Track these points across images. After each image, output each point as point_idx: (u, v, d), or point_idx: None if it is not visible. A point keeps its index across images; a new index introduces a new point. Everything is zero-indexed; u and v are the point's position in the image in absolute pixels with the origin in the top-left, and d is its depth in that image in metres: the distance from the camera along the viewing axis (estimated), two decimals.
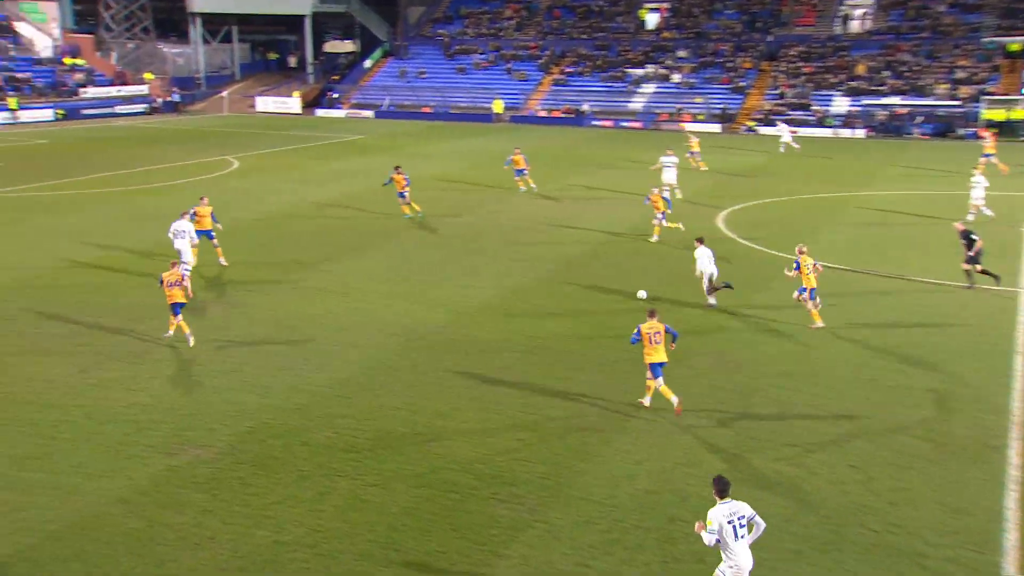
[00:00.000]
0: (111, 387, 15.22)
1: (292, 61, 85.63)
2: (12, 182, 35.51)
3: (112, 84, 69.29)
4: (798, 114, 56.50)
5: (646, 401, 14.62)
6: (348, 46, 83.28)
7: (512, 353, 16.91)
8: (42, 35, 69.44)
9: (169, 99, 71.50)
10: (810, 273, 18.08)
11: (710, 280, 19.31)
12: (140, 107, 68.21)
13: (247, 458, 12.83)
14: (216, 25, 78.83)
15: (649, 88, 64.92)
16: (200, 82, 77.48)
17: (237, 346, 17.26)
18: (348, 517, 11.44)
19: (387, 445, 13.15)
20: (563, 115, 64.12)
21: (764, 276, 21.33)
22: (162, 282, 16.96)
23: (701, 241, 19.69)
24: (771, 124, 55.21)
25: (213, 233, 22.98)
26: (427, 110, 68.08)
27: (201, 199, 23.69)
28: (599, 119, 62.69)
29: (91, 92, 66.60)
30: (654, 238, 25.06)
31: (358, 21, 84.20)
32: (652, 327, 14.30)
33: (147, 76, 72.43)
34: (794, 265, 18.22)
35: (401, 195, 28.24)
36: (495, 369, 16.16)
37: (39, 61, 66.80)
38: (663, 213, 24.99)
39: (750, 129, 56.53)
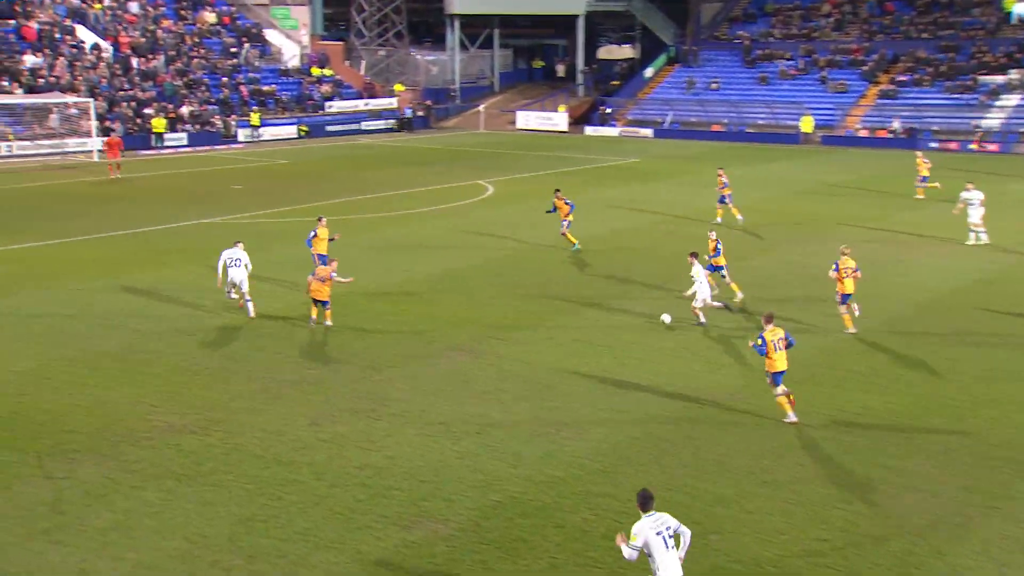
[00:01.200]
0: (344, 444, 16.25)
1: (560, 70, 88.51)
2: (249, 206, 39.31)
3: (359, 97, 75.37)
4: None
5: (792, 417, 16.64)
6: (626, 51, 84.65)
7: (822, 430, 16.46)
8: (291, 43, 76.94)
9: (420, 114, 76.60)
10: (847, 277, 20.98)
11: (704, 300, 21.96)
12: (388, 122, 73.62)
13: (491, 538, 13.20)
14: (475, 28, 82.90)
15: (1011, 100, 60.83)
16: (455, 94, 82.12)
17: (483, 402, 17.94)
18: None
19: None
20: (889, 135, 61.57)
21: None
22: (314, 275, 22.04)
23: (695, 256, 22.27)
24: None
25: (328, 257, 24.85)
26: (718, 128, 67.85)
27: (319, 219, 26.17)
28: (938, 139, 59.58)
29: (337, 106, 72.91)
30: None
31: (639, 22, 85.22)
32: (775, 333, 16.54)
33: (397, 88, 78.01)
34: (833, 266, 21.20)
35: (565, 223, 29.97)
36: (794, 449, 15.80)
37: (285, 71, 74.05)
38: None
39: None
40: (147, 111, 60.93)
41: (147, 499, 14.19)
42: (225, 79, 68.08)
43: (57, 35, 63.35)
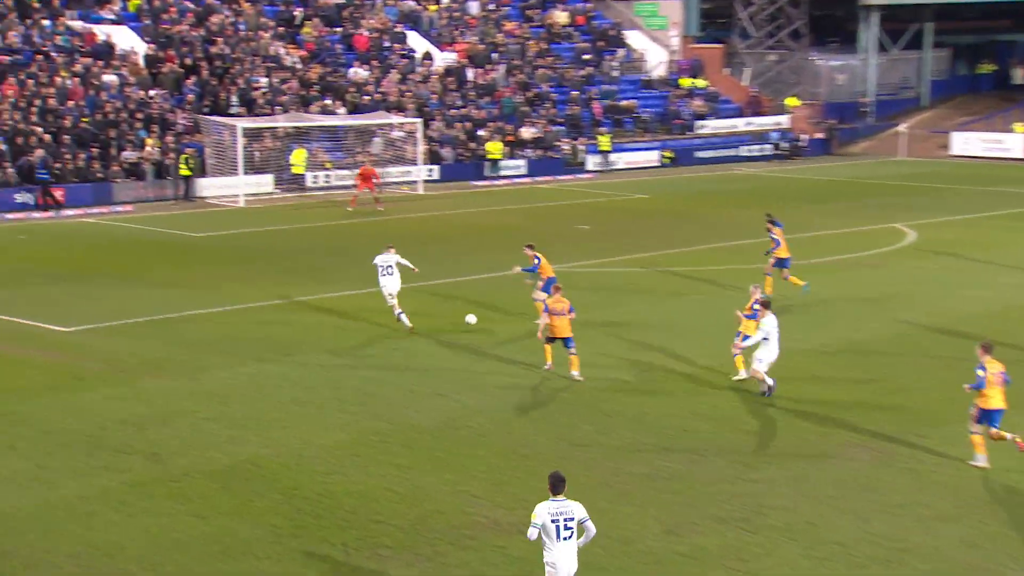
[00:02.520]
0: (706, 560, 16.09)
1: (1018, 75, 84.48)
2: (596, 252, 40.44)
3: (739, 114, 75.60)
4: None
5: (981, 461, 18.73)
6: None
7: None
8: (656, 47, 78.61)
9: (819, 135, 75.61)
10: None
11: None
12: (773, 147, 73.10)
13: None
14: (899, 23, 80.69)
15: None
16: (867, 109, 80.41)
17: (894, 519, 17.33)
18: None
19: None
20: None
21: None
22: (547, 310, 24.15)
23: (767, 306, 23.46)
24: None
25: (556, 281, 26.55)
26: None
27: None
28: None
29: (711, 125, 73.47)
30: None
31: None
32: (994, 366, 18.32)
33: (790, 102, 77.44)
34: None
35: (781, 263, 31.70)
36: None
37: (647, 83, 75.77)
38: None
39: None
40: (480, 133, 64.25)
41: None
42: (575, 93, 70.60)
43: (386, 44, 68.40)
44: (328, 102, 61.25)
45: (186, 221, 47.56)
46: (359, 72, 64.91)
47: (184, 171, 53.19)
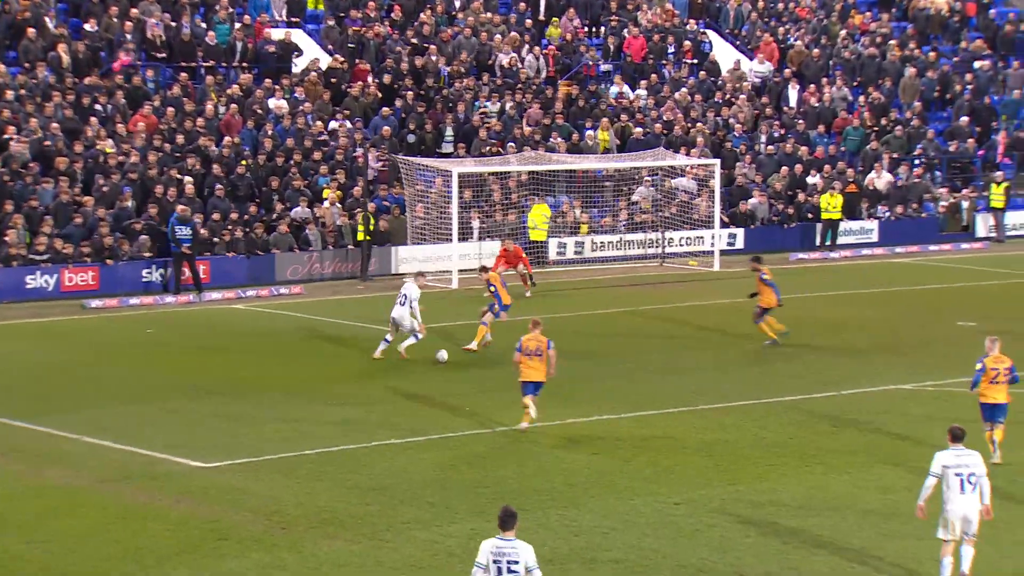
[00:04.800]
0: None
1: None
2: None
3: None
4: None
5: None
6: None
7: None
8: None
9: None
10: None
11: None
12: None
13: None
14: None
15: None
16: None
17: None
18: None
19: None
20: None
21: None
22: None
23: None
24: None
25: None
26: None
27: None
28: None
29: None
30: None
31: None
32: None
33: None
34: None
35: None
36: None
37: None
38: None
39: None
40: (810, 180, 63.96)
41: None
42: (964, 119, 69.94)
43: (670, 48, 69.28)
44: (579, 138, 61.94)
45: (378, 308, 48.96)
46: (630, 92, 65.80)
47: (361, 235, 54.45)
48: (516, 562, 16.56)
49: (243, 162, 55.42)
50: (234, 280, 52.55)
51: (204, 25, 61.31)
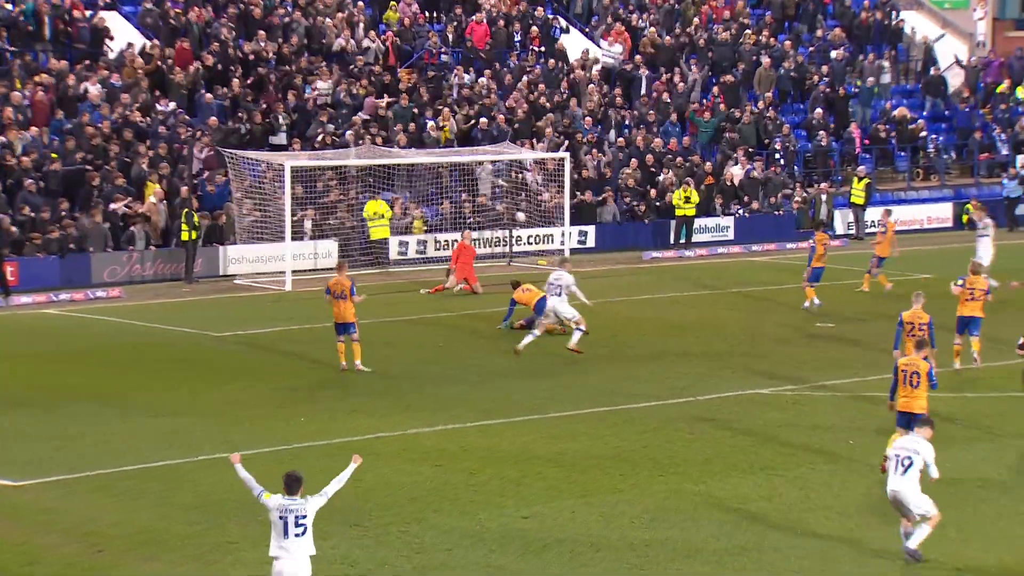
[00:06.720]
0: None
1: None
2: (846, 364, 40.65)
3: None
4: None
5: None
6: None
7: None
8: (952, 39, 78.34)
9: None
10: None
11: None
12: None
13: None
14: None
15: None
16: None
17: None
18: None
19: None
20: None
21: None
22: None
23: None
24: None
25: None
26: None
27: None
28: None
29: None
30: None
31: None
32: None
33: None
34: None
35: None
36: None
37: (932, 89, 74.96)
38: None
39: None
40: (661, 176, 64.19)
41: None
42: (818, 111, 70.69)
43: (516, 34, 69.39)
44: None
45: (204, 313, 48.57)
46: (470, 79, 65.79)
47: (185, 234, 53.59)
48: (304, 516, 20.08)
49: (53, 155, 54.47)
50: (46, 282, 51.67)
51: (10, 6, 60.10)
